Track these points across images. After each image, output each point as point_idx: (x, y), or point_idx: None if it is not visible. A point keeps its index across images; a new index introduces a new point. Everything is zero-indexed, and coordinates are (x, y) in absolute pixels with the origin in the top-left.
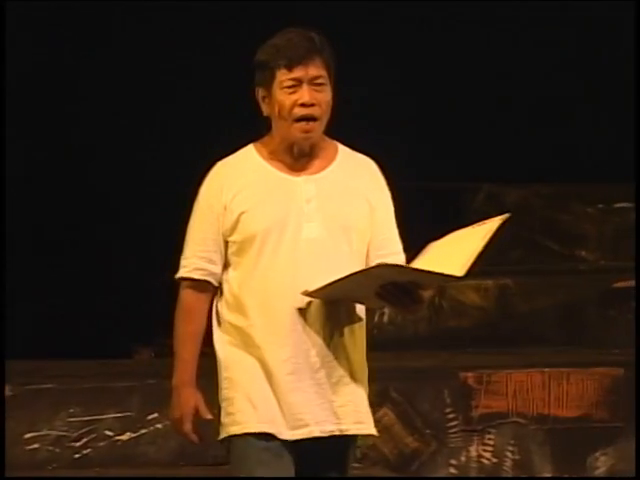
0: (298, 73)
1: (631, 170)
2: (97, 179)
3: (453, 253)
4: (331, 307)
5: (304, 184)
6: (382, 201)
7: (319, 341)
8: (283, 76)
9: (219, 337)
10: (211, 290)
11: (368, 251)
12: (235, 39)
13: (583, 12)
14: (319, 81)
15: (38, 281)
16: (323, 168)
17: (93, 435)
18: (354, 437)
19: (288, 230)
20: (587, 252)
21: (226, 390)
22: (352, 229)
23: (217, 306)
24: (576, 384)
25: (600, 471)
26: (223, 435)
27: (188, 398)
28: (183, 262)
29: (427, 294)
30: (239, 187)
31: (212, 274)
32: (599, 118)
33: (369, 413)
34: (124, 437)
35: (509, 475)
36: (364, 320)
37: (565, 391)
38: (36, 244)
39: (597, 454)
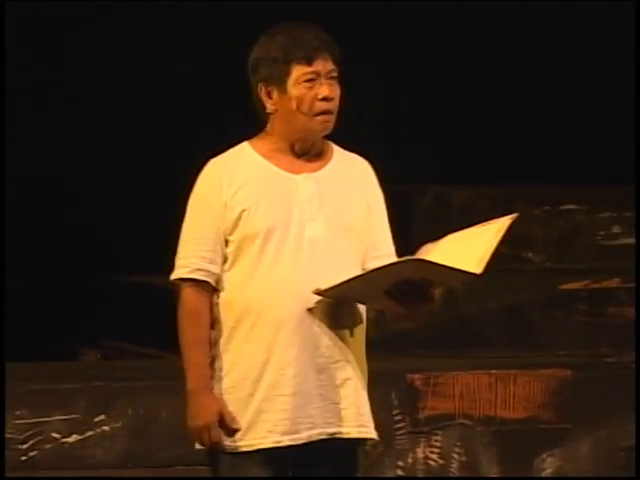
0: (317, 67)
1: (578, 172)
2: (49, 179)
3: (467, 251)
4: (335, 308)
5: (304, 182)
6: (377, 202)
7: (323, 342)
8: (300, 71)
9: (216, 343)
10: (211, 291)
11: (365, 252)
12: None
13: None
14: (333, 75)
15: None
16: (321, 167)
17: (40, 437)
18: (360, 441)
19: (291, 229)
20: (533, 254)
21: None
22: (353, 229)
23: (214, 309)
24: (523, 386)
25: (547, 472)
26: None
27: (210, 404)
28: (181, 262)
29: (437, 293)
30: (239, 184)
31: (213, 274)
32: (552, 120)
33: (370, 416)
34: (71, 439)
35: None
36: (365, 321)
37: (512, 393)
38: None
39: (544, 455)
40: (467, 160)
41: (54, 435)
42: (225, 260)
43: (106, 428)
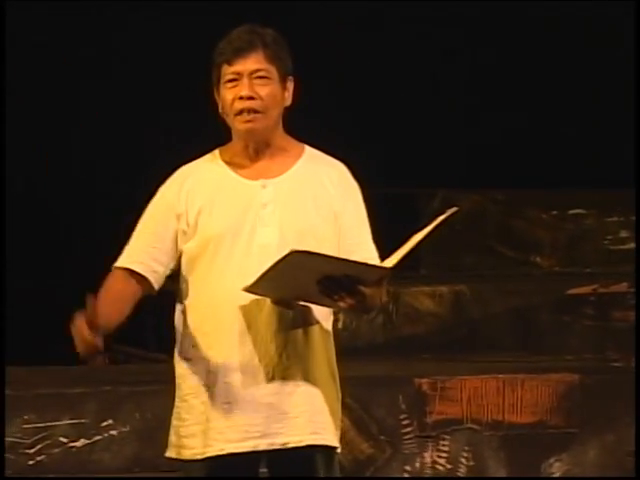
0: (237, 67)
1: (586, 176)
2: (39, 183)
3: (402, 246)
4: (285, 315)
5: (261, 188)
6: (350, 206)
7: (271, 351)
8: (224, 71)
9: (177, 351)
10: (146, 288)
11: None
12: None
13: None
14: (260, 74)
15: None
16: (283, 171)
17: (47, 442)
18: (320, 448)
19: (242, 235)
20: (541, 258)
21: (179, 409)
22: (309, 235)
23: (176, 319)
24: (530, 390)
25: (554, 477)
26: (173, 455)
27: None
28: (126, 252)
29: (369, 291)
30: (197, 191)
31: (154, 272)
32: (560, 123)
33: (328, 423)
34: (78, 444)
35: None
36: (326, 327)
37: (519, 397)
38: None
39: (551, 460)
40: (475, 164)
41: (62, 439)
42: (183, 271)
43: (114, 432)
